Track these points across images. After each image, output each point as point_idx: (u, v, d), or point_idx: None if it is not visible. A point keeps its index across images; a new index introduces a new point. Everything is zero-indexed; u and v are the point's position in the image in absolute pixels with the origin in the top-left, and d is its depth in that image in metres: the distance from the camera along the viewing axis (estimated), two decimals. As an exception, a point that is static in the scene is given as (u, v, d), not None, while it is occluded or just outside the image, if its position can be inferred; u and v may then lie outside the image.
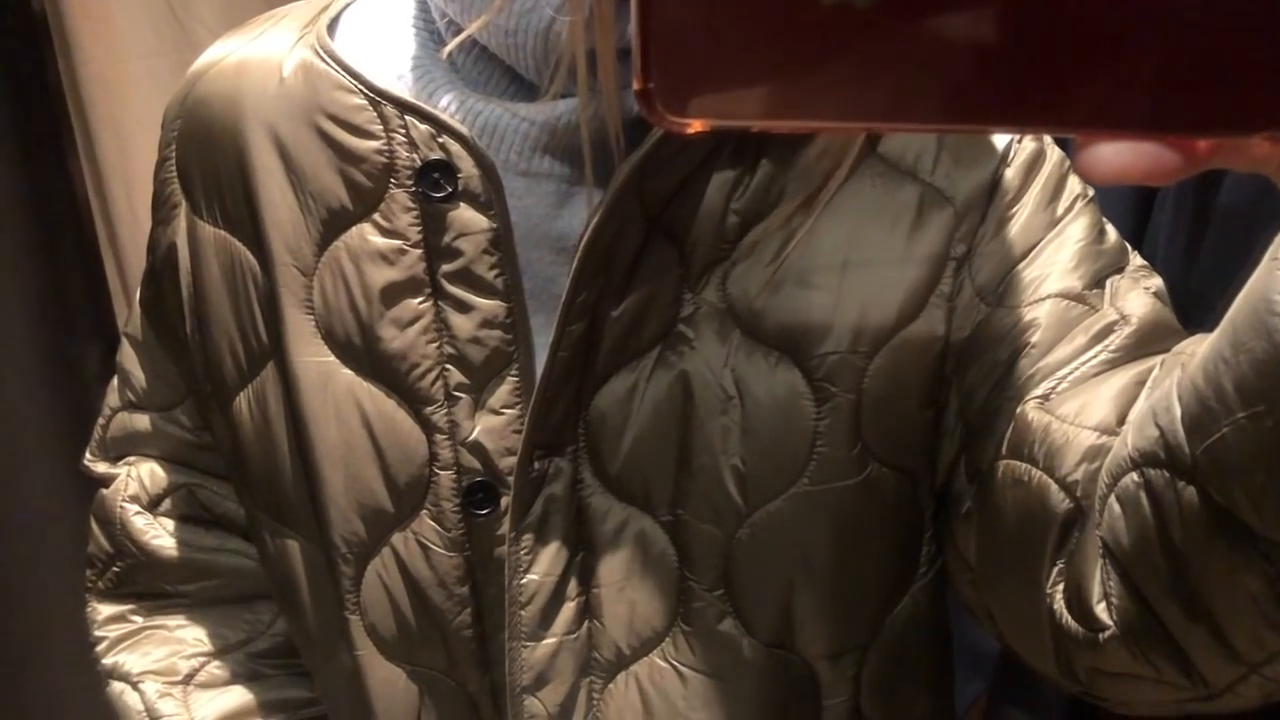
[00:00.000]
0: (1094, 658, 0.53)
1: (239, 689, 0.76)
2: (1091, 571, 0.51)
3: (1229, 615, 0.46)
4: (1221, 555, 0.45)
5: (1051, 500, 0.53)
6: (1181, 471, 0.46)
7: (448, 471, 0.62)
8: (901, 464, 0.62)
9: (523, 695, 0.64)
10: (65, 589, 1.02)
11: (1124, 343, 0.56)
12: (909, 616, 0.66)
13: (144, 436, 0.76)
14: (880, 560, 0.65)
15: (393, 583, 0.65)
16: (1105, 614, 0.51)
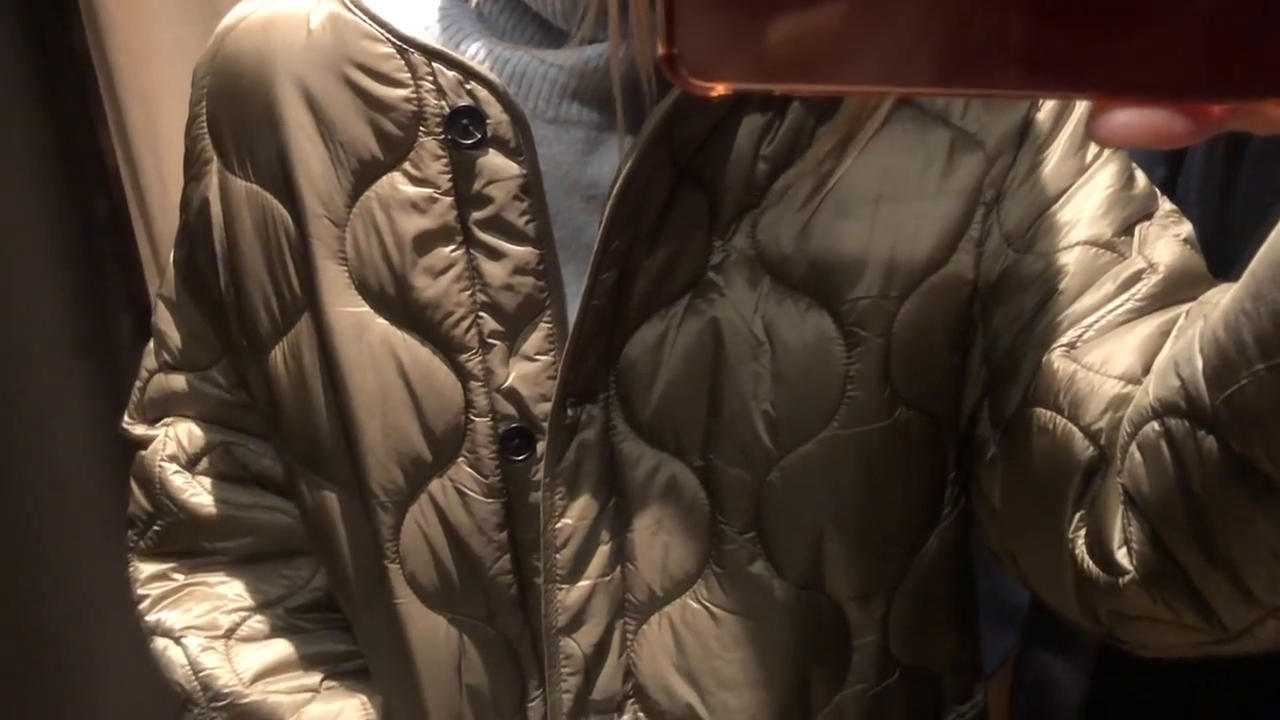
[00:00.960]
0: (1114, 601, 0.53)
1: (280, 642, 0.76)
2: (1112, 518, 0.52)
3: (1247, 562, 0.47)
4: (1240, 504, 0.45)
5: (1075, 448, 0.54)
6: (1202, 421, 0.46)
7: (484, 419, 0.63)
8: (928, 407, 0.62)
9: (558, 636, 0.65)
10: (99, 555, 1.04)
11: (1151, 291, 0.56)
12: (934, 558, 0.67)
13: (181, 397, 0.76)
14: (907, 502, 0.65)
15: (431, 530, 0.65)
16: (1126, 559, 0.51)
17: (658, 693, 0.67)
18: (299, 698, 0.75)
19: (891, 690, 0.68)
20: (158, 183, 1.26)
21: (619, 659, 0.67)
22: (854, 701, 0.68)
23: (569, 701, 0.66)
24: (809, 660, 0.66)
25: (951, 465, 0.65)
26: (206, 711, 0.74)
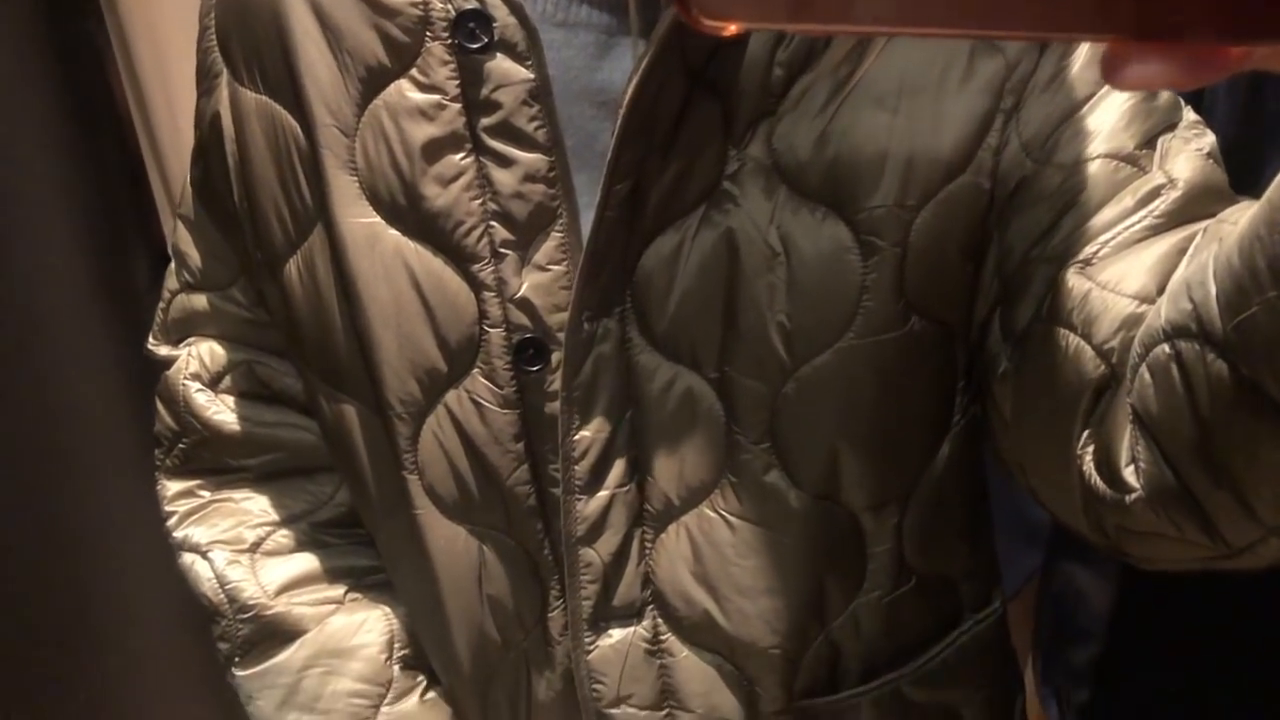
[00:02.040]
0: (1121, 517, 0.53)
1: (304, 556, 0.77)
2: (1121, 436, 0.52)
3: (1252, 483, 0.47)
4: (1247, 427, 0.46)
5: (1086, 366, 0.54)
6: (1212, 345, 0.46)
7: (497, 329, 0.62)
8: (941, 317, 0.62)
9: (577, 546, 0.65)
10: (125, 480, 1.05)
11: (1169, 208, 0.55)
12: (946, 466, 0.67)
13: (202, 316, 0.76)
14: (920, 411, 0.65)
15: (449, 441, 0.65)
16: (1133, 477, 0.52)
17: (676, 599, 0.67)
18: (323, 609, 0.76)
19: (907, 598, 0.68)
20: (169, 123, 1.25)
21: (637, 567, 0.67)
22: (869, 609, 0.68)
23: (588, 608, 0.67)
24: (824, 568, 0.66)
25: (961, 374, 0.65)
26: (233, 623, 0.74)
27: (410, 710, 0.76)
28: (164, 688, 1.24)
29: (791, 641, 0.67)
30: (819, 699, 0.69)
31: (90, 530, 1.05)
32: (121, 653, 1.14)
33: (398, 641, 0.77)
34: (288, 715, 0.75)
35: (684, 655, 0.68)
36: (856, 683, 0.70)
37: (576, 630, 0.67)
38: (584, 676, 0.69)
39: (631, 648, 0.68)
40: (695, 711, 0.69)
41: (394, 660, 0.76)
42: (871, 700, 0.70)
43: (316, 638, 0.75)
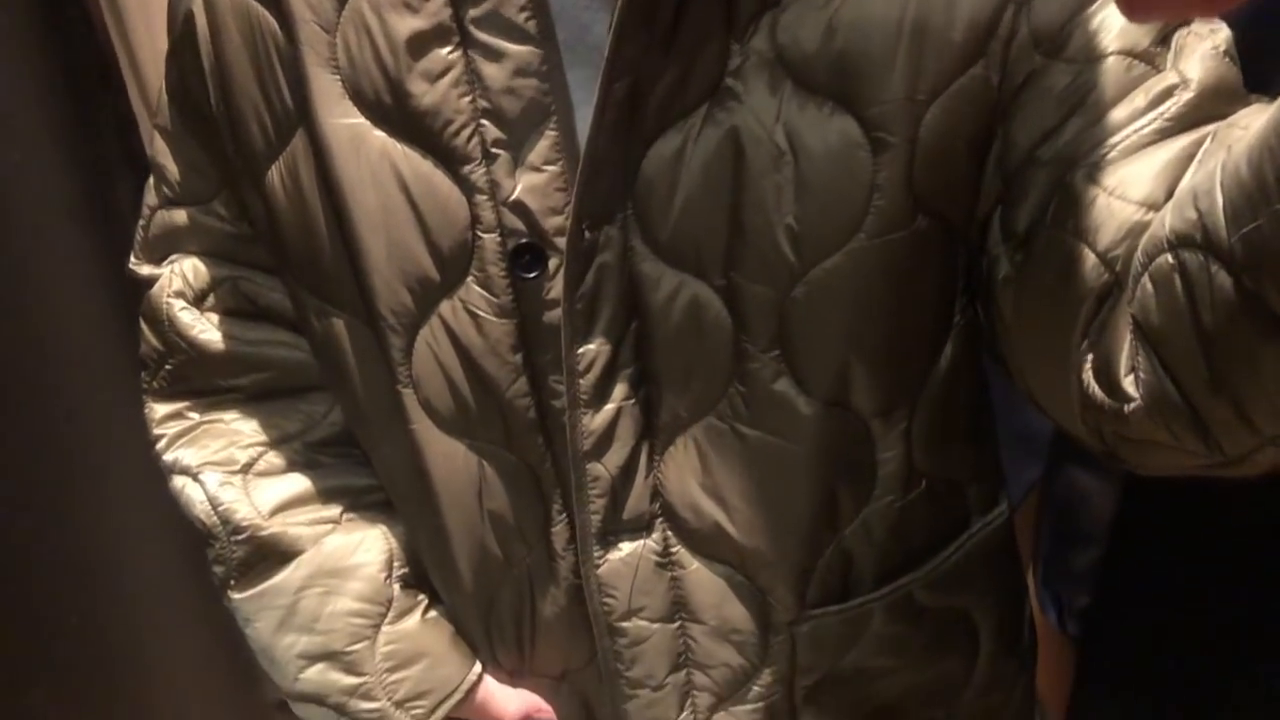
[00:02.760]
0: (1118, 425, 0.53)
1: (298, 476, 0.75)
2: (1120, 345, 0.51)
3: (1251, 394, 0.47)
4: (1248, 340, 0.46)
5: (1089, 273, 0.53)
6: (1216, 256, 0.45)
7: (491, 234, 0.60)
8: (945, 214, 0.60)
9: (585, 461, 0.64)
10: (110, 403, 1.02)
11: (1180, 111, 0.53)
12: (949, 366, 0.65)
13: (184, 232, 0.73)
14: (926, 311, 0.64)
15: (444, 353, 0.63)
16: (1132, 387, 0.51)
17: (685, 511, 0.66)
18: (319, 529, 0.74)
19: (917, 503, 0.67)
20: (149, 44, 1.21)
21: (646, 480, 0.65)
22: (880, 516, 0.67)
23: (597, 523, 0.65)
24: (835, 476, 0.65)
25: (961, 272, 0.63)
26: (227, 545, 0.72)
27: (412, 629, 0.74)
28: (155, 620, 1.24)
29: (803, 551, 0.66)
30: (831, 607, 0.68)
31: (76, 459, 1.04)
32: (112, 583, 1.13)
33: (397, 560, 0.75)
34: (286, 637, 0.74)
35: (694, 567, 0.67)
36: (869, 589, 0.69)
37: (585, 545, 0.66)
38: (594, 591, 0.67)
39: (641, 561, 0.67)
40: (707, 623, 0.68)
41: (393, 579, 0.75)
42: (884, 606, 0.69)
43: (313, 558, 0.73)
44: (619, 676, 0.70)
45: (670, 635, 0.69)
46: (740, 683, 0.70)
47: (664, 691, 0.70)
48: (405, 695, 0.74)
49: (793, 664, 0.69)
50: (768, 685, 0.70)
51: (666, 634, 0.68)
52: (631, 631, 0.68)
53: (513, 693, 0.74)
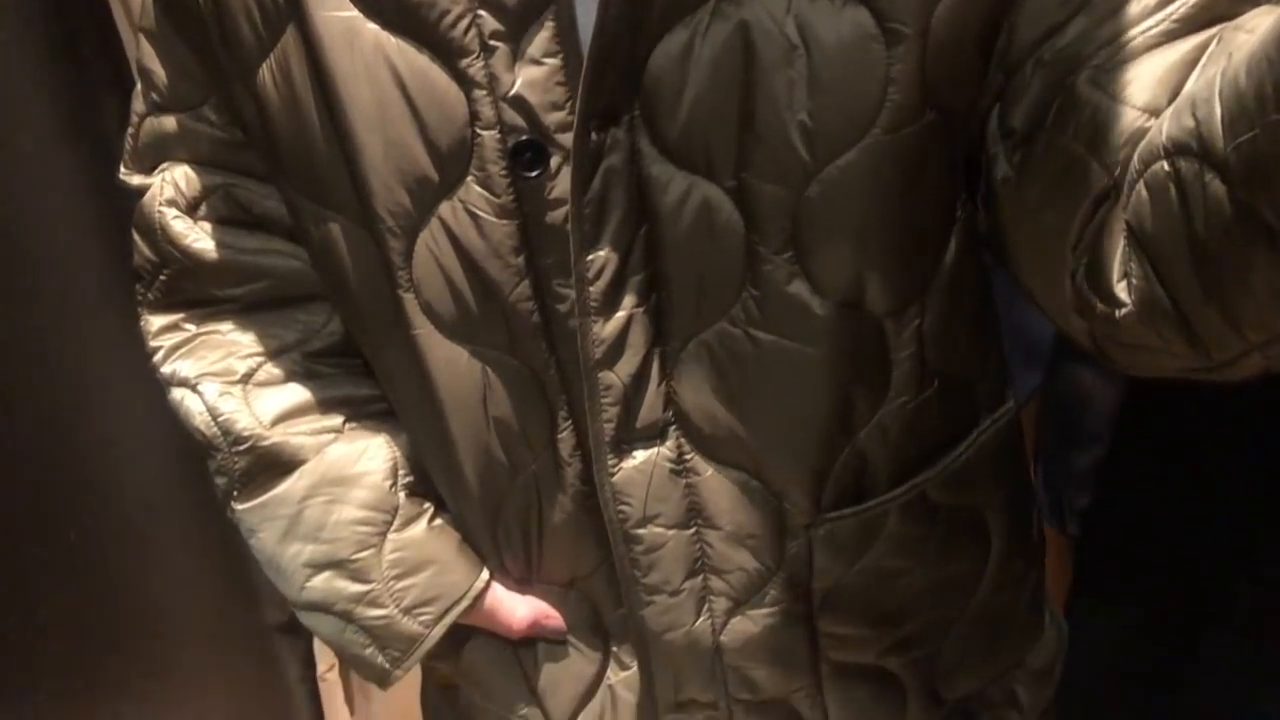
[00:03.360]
0: (1109, 329, 0.54)
1: (298, 386, 0.73)
2: (1114, 250, 0.52)
3: (1240, 303, 0.48)
4: (1240, 251, 0.46)
5: (1088, 177, 0.53)
6: (1211, 165, 0.45)
7: (491, 131, 0.57)
8: (951, 108, 0.58)
9: (596, 370, 0.62)
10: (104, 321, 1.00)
11: (1187, 13, 0.51)
12: (954, 262, 0.64)
13: (174, 139, 0.71)
14: (933, 207, 0.62)
15: (444, 256, 0.61)
16: (1124, 293, 0.52)
17: (699, 418, 0.65)
18: (321, 438, 0.72)
19: (929, 402, 0.66)
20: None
21: (659, 387, 0.64)
22: (895, 417, 0.66)
23: (610, 431, 0.64)
24: (850, 379, 0.63)
25: (960, 165, 0.62)
26: (229, 456, 0.71)
27: (418, 536, 0.73)
28: (156, 540, 1.23)
29: (819, 454, 0.65)
30: (847, 510, 0.68)
31: (70, 371, 1.02)
32: (111, 502, 1.12)
33: (401, 469, 0.74)
34: (291, 546, 0.72)
35: (709, 473, 0.66)
36: (884, 490, 0.68)
37: (599, 453, 0.65)
38: (609, 499, 0.66)
39: (656, 468, 0.66)
40: (723, 528, 0.67)
41: (398, 487, 0.73)
42: (899, 507, 0.68)
43: (316, 467, 0.72)
44: (635, 583, 0.69)
45: (686, 541, 0.68)
46: (757, 587, 0.69)
47: (681, 597, 0.69)
48: (412, 602, 0.73)
49: (809, 567, 0.69)
50: (784, 589, 0.69)
51: (682, 540, 0.68)
52: (647, 538, 0.67)
53: (521, 599, 0.74)
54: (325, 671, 1.72)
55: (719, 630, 0.70)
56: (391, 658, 0.74)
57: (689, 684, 0.72)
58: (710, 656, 0.71)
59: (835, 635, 0.71)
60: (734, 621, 0.70)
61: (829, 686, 0.73)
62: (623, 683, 0.74)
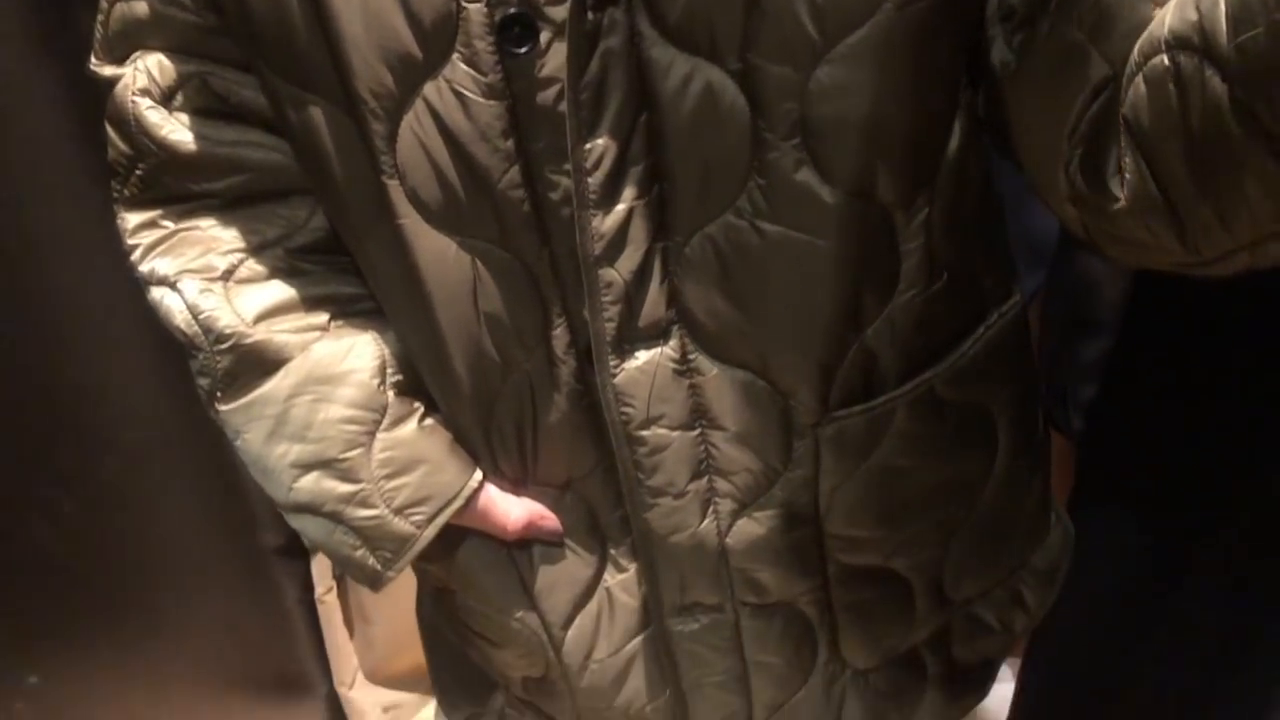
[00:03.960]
0: (1100, 221, 0.54)
1: (281, 283, 0.70)
2: (1109, 143, 0.51)
3: (1232, 201, 0.48)
4: (1236, 150, 0.46)
5: (1088, 68, 0.51)
6: (1212, 61, 0.45)
7: (476, 4, 0.54)
8: None
9: (596, 266, 0.60)
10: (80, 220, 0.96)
11: None
12: (959, 149, 0.61)
13: (145, 25, 0.66)
14: (940, 91, 0.60)
15: (430, 139, 0.58)
16: (1117, 186, 0.52)
17: (703, 316, 0.62)
18: (306, 336, 0.69)
19: (939, 296, 0.64)
20: None
21: (661, 285, 0.61)
22: (904, 311, 0.63)
23: (612, 331, 0.62)
24: (859, 271, 0.61)
25: (964, 50, 0.59)
26: (211, 355, 0.68)
27: (408, 436, 0.71)
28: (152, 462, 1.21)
29: (827, 351, 0.63)
30: (855, 407, 0.65)
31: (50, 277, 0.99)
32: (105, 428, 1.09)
33: (390, 367, 0.71)
34: (278, 446, 0.70)
35: (714, 373, 0.64)
36: (893, 387, 0.66)
37: (600, 354, 0.63)
38: (611, 400, 0.64)
39: (659, 369, 0.63)
40: (728, 429, 0.65)
41: (387, 386, 0.70)
42: (907, 404, 0.66)
43: (302, 365, 0.69)
44: (639, 486, 0.67)
45: (690, 442, 0.66)
46: (763, 488, 0.67)
47: (685, 499, 0.67)
48: (404, 502, 0.70)
49: (816, 467, 0.67)
50: (791, 490, 0.67)
51: (686, 441, 0.65)
52: (651, 440, 0.65)
53: (516, 501, 0.71)
54: (324, 594, 1.71)
55: (724, 532, 0.68)
56: (383, 559, 0.72)
57: (694, 587, 0.71)
58: (716, 559, 0.69)
59: (842, 537, 0.70)
60: (740, 523, 0.68)
61: (836, 588, 0.72)
62: (620, 585, 0.73)
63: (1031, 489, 0.78)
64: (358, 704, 1.85)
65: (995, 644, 0.83)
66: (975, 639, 0.81)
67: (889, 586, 0.74)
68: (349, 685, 1.82)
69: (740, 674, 0.74)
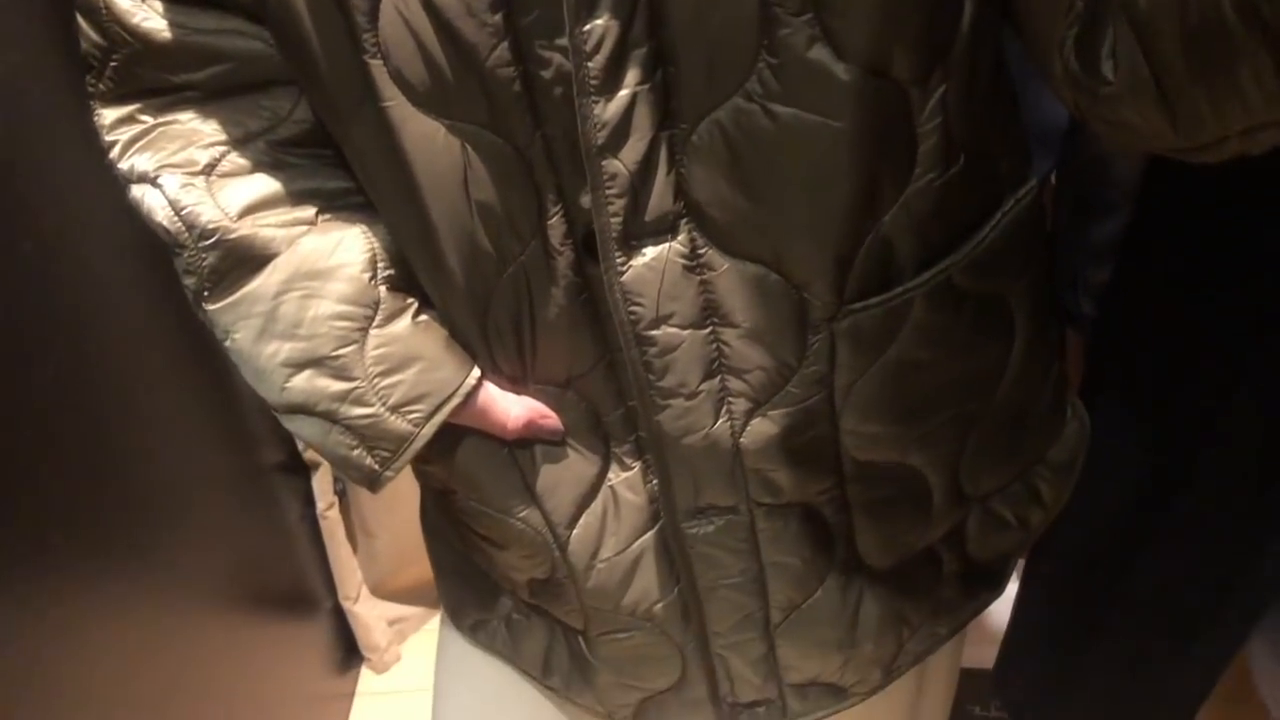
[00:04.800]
0: (1093, 104, 0.54)
1: (265, 177, 0.66)
2: (1104, 26, 0.50)
3: (1224, 89, 0.47)
4: (1231, 37, 0.45)
5: None
6: None
7: None
8: None
9: (599, 156, 0.56)
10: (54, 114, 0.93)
11: None
12: (971, 24, 0.58)
13: None
14: None
15: (413, 16, 0.54)
16: (1109, 71, 0.51)
17: (713, 208, 0.59)
18: (293, 231, 0.66)
19: (955, 180, 0.61)
20: None
21: (668, 176, 0.58)
22: (921, 196, 0.60)
23: (617, 226, 0.58)
24: (875, 154, 0.57)
25: None
26: (196, 253, 0.64)
27: (402, 332, 0.68)
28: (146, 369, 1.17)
29: (843, 240, 0.60)
30: (872, 299, 0.62)
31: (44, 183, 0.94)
32: (97, 336, 1.06)
33: (380, 261, 0.68)
34: (268, 345, 0.67)
35: (725, 268, 0.61)
36: (910, 277, 0.63)
37: (606, 251, 0.59)
38: (619, 299, 0.61)
39: (668, 265, 0.60)
40: (740, 326, 0.62)
41: (378, 280, 0.67)
42: (924, 294, 0.63)
43: (289, 260, 0.66)
44: (650, 387, 0.64)
45: (702, 341, 0.63)
46: (777, 386, 0.64)
47: (698, 400, 0.64)
48: (400, 400, 0.68)
49: (831, 363, 0.64)
50: (806, 387, 0.64)
51: (698, 340, 0.63)
52: (661, 340, 0.62)
53: (516, 399, 0.69)
54: (326, 510, 1.70)
55: (738, 432, 0.66)
56: (380, 458, 0.69)
57: (708, 488, 0.68)
58: (730, 459, 0.67)
59: (858, 433, 0.67)
60: (754, 423, 0.66)
61: (852, 487, 0.70)
62: (625, 484, 0.71)
63: (1048, 381, 0.76)
64: (363, 618, 1.85)
65: (1012, 540, 0.81)
66: (992, 535, 0.79)
67: (906, 484, 0.72)
68: (354, 600, 1.82)
69: (756, 575, 0.72)
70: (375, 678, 1.94)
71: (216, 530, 1.39)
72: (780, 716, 0.80)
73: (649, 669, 0.78)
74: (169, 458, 1.27)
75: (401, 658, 1.98)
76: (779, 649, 0.76)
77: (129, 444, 1.17)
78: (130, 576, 1.13)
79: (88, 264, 1.04)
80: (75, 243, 1.02)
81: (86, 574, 1.04)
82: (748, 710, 0.80)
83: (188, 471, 1.32)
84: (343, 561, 1.77)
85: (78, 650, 1.01)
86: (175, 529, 1.26)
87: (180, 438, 1.31)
